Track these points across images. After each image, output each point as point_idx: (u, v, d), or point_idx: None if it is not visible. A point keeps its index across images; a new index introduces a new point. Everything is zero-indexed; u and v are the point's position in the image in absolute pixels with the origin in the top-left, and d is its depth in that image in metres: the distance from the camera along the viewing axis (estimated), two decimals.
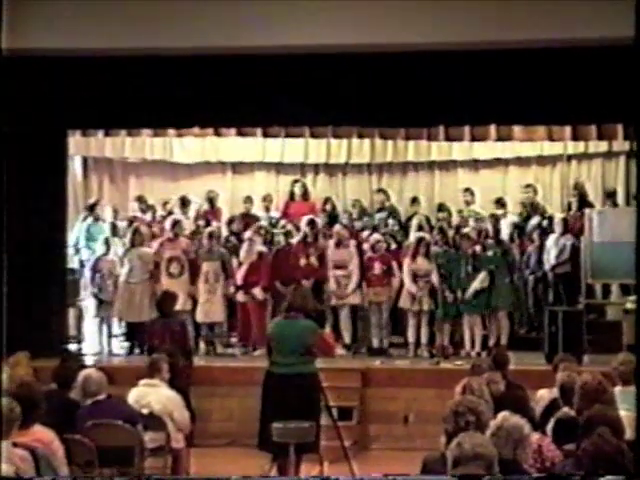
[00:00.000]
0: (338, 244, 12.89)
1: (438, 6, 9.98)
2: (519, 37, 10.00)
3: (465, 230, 12.98)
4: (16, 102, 10.80)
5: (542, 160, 15.16)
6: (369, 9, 9.99)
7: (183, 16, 10.25)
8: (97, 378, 7.87)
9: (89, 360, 12.04)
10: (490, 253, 12.72)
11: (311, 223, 13.01)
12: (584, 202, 13.77)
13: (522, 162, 15.23)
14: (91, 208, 14.37)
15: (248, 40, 10.20)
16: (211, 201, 14.72)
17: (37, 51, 10.42)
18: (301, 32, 10.13)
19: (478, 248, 12.71)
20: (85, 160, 15.76)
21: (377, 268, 12.68)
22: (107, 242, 13.35)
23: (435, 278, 12.52)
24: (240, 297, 12.93)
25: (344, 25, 10.10)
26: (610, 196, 13.75)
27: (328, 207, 14.52)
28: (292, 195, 14.88)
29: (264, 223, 13.80)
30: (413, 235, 13.14)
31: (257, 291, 12.80)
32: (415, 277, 12.52)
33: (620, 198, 14.13)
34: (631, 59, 8.51)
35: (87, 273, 13.33)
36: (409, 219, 14.12)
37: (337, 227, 13.32)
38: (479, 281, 12.52)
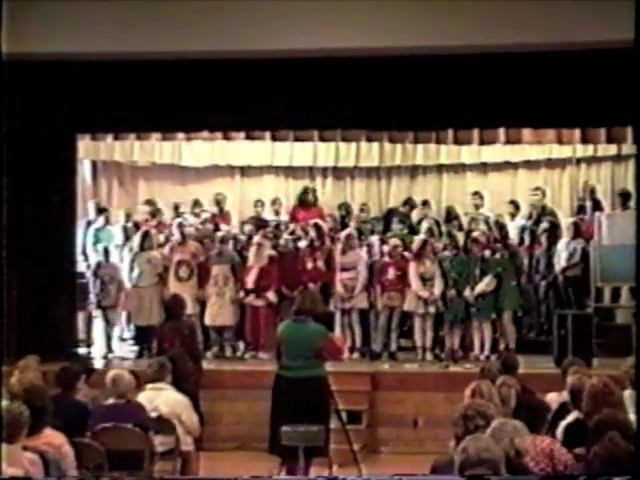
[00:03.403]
0: (345, 247, 12.87)
1: (447, 9, 9.98)
2: (528, 40, 9.99)
3: (475, 234, 12.96)
4: (24, 106, 10.84)
5: (551, 163, 15.14)
6: (378, 12, 9.99)
7: (191, 19, 10.25)
8: (128, 380, 7.96)
9: (98, 364, 12.07)
10: (498, 256, 12.72)
11: (317, 227, 13.00)
12: (593, 205, 13.74)
13: (531, 165, 15.21)
14: (99, 212, 14.37)
15: (257, 44, 10.20)
16: (219, 204, 14.72)
17: (45, 56, 10.43)
18: (310, 36, 10.13)
19: (487, 252, 12.70)
20: (94, 164, 15.74)
21: (391, 273, 12.64)
22: (107, 249, 13.34)
23: (439, 281, 12.51)
24: (251, 301, 12.88)
25: (353, 29, 10.10)
26: (623, 197, 13.67)
27: (342, 212, 14.52)
28: (301, 201, 14.89)
29: (273, 227, 13.80)
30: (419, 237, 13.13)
31: (270, 295, 12.77)
32: (423, 280, 12.52)
33: (631, 201, 14.06)
34: (632, 61, 8.51)
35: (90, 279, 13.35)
36: (419, 222, 14.11)
37: (345, 230, 13.32)
38: (485, 284, 12.50)
